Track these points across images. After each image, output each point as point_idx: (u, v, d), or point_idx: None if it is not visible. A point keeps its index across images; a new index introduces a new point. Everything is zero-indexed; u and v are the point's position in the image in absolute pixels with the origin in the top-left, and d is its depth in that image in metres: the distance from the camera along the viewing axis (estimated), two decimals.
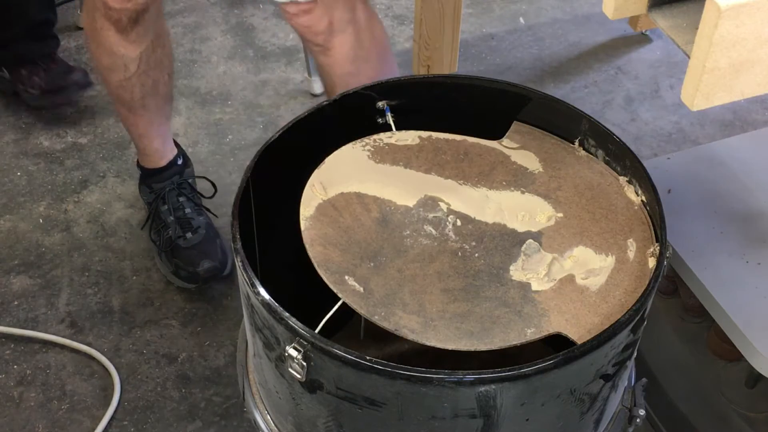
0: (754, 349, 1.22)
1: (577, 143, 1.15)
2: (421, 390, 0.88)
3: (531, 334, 0.95)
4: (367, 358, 0.87)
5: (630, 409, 1.11)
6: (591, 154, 1.14)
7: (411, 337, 0.93)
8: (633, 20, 2.31)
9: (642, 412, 1.10)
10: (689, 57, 0.83)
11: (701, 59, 0.80)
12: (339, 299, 0.96)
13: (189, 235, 1.76)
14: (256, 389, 1.13)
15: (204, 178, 1.89)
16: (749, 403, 1.41)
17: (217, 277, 1.78)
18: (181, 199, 1.80)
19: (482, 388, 0.87)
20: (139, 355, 1.70)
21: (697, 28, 0.80)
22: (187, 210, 1.79)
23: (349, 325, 1.29)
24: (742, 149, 1.49)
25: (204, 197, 1.85)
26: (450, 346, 0.93)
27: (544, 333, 0.95)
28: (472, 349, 0.93)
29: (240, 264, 0.97)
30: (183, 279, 1.77)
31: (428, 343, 0.93)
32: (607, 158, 1.12)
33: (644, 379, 1.14)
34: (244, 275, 0.95)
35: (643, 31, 2.36)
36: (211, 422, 1.61)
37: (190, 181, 1.85)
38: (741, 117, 2.18)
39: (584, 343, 0.89)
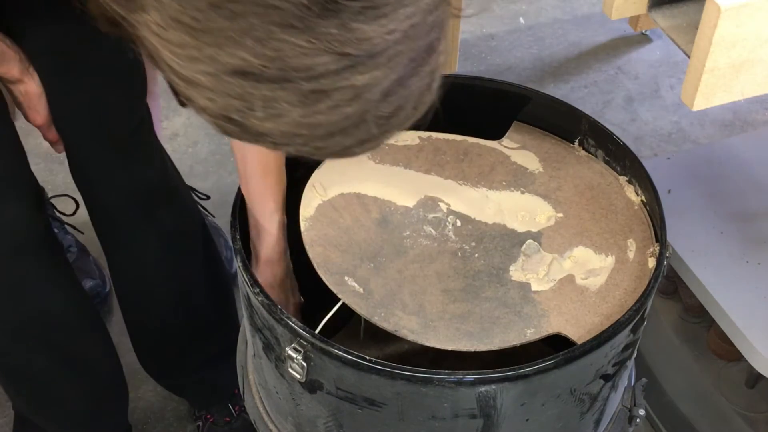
0: (754, 349, 1.22)
1: (577, 143, 1.15)
2: (421, 390, 0.88)
3: (531, 334, 0.95)
4: (367, 358, 0.87)
5: (630, 409, 1.11)
6: (591, 154, 1.14)
7: (411, 337, 0.93)
8: (633, 20, 2.31)
9: (642, 412, 1.10)
10: (689, 57, 0.83)
11: (701, 59, 0.80)
12: (339, 299, 0.96)
13: None
14: (256, 389, 1.13)
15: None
16: (749, 403, 1.41)
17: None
18: None
19: (482, 388, 0.87)
20: None
21: (697, 28, 0.80)
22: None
23: (349, 325, 1.29)
24: (742, 149, 1.49)
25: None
26: (450, 347, 0.93)
27: (544, 333, 0.95)
28: (472, 349, 0.93)
29: (240, 264, 0.96)
30: None
31: (428, 344, 0.93)
32: (607, 158, 1.12)
33: (644, 379, 1.14)
34: (244, 275, 0.95)
35: (643, 31, 2.36)
36: None
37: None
38: (741, 117, 2.18)
39: (584, 343, 0.89)
